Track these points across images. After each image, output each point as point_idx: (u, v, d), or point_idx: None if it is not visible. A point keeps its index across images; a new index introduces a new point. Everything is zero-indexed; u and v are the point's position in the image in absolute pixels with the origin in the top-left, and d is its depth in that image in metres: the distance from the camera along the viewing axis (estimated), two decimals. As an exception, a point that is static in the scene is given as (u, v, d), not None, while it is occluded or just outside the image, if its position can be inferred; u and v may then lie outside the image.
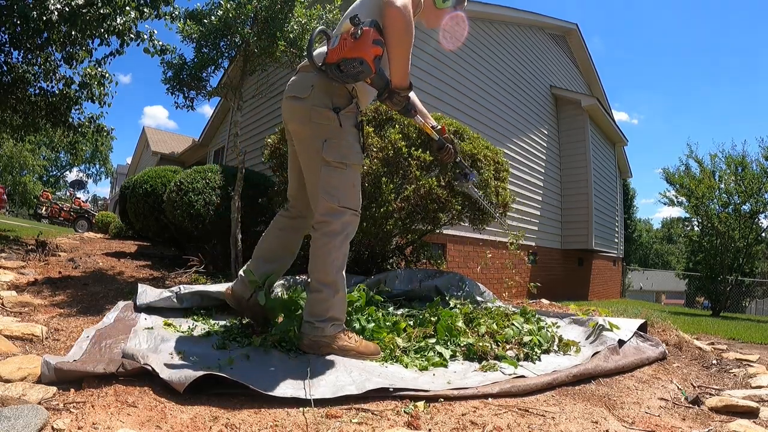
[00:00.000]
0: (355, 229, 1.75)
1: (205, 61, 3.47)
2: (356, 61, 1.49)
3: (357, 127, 1.72)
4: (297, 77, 1.75)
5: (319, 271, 1.69)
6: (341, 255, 1.71)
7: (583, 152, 9.03)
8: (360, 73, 1.51)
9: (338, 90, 1.68)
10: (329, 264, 1.68)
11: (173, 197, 4.04)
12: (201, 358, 1.55)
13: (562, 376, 1.68)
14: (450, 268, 5.34)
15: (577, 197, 9.03)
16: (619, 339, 2.12)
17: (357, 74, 1.52)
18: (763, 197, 8.77)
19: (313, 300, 1.69)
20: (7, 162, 28.36)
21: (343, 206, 1.68)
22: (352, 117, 1.70)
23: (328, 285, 1.68)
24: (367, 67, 1.49)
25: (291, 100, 1.72)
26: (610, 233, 10.47)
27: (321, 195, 1.68)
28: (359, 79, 1.56)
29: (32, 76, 4.93)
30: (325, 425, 1.17)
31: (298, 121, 1.70)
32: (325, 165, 1.66)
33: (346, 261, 1.74)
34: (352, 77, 1.54)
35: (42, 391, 1.21)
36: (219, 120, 11.30)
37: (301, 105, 1.68)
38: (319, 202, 1.69)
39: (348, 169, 1.68)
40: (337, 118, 1.65)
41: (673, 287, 24.66)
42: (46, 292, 2.65)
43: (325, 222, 1.69)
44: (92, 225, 12.80)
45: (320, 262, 1.69)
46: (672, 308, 10.41)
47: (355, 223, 1.74)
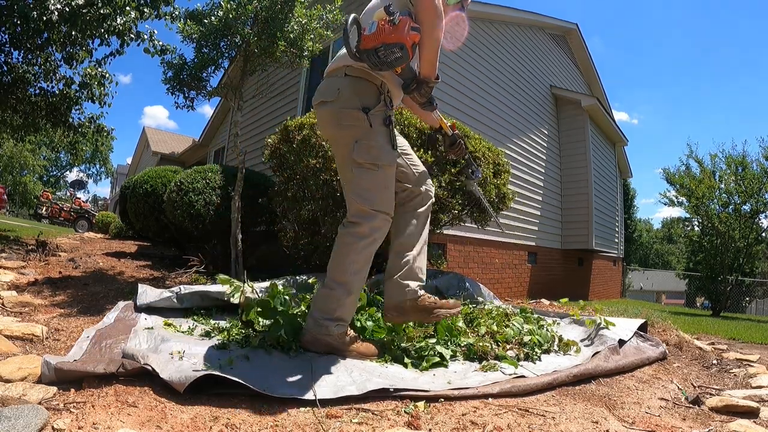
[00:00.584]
0: (384, 234, 1.73)
1: (206, 61, 3.47)
2: (396, 47, 1.46)
3: (387, 125, 1.69)
4: (324, 83, 1.74)
5: (336, 269, 1.68)
6: (362, 258, 1.69)
7: (583, 152, 9.02)
8: (398, 59, 1.49)
9: (366, 89, 1.66)
10: (347, 264, 1.67)
11: (173, 197, 4.04)
12: (201, 358, 1.55)
13: (563, 376, 1.68)
14: (450, 268, 5.33)
15: (577, 197, 9.02)
16: (619, 339, 2.12)
17: (394, 60, 1.50)
18: (763, 197, 8.77)
19: (323, 295, 1.69)
20: (8, 162, 28.38)
21: (375, 209, 1.67)
22: (381, 115, 1.68)
23: (341, 284, 1.67)
24: (405, 53, 1.48)
25: (320, 106, 1.72)
26: (610, 233, 10.47)
27: (352, 197, 1.68)
28: (395, 65, 1.53)
29: (32, 76, 4.93)
30: (325, 425, 1.17)
31: (329, 125, 1.71)
32: (357, 166, 1.65)
33: (369, 265, 1.73)
34: (388, 64, 1.51)
35: (42, 391, 1.21)
36: (219, 120, 11.30)
37: (329, 109, 1.68)
38: (350, 203, 1.70)
39: (379, 170, 1.66)
40: (366, 119, 1.63)
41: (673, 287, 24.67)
42: (47, 292, 2.65)
43: (355, 223, 1.68)
44: (92, 225, 12.81)
45: (339, 261, 1.68)
46: (672, 308, 10.40)
47: (385, 227, 1.72)
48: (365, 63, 1.54)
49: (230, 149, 9.29)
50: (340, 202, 3.06)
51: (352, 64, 1.65)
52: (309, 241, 3.37)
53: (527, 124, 8.01)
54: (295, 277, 2.93)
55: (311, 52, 3.62)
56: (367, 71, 1.63)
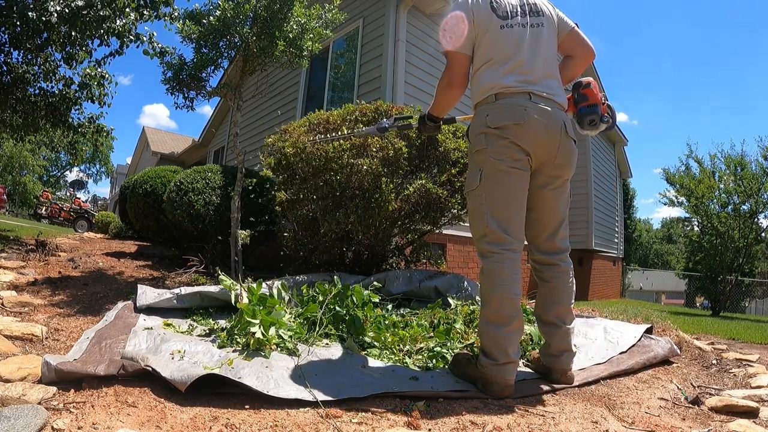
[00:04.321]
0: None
1: (205, 62, 3.46)
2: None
3: None
4: (566, 115, 1.71)
5: (570, 308, 1.72)
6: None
7: (583, 152, 9.02)
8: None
9: None
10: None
11: (173, 197, 4.04)
12: (201, 358, 1.56)
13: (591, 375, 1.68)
14: (450, 269, 5.33)
15: (577, 197, 9.03)
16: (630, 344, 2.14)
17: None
18: (762, 197, 8.77)
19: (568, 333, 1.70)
20: (7, 162, 28.35)
21: None
22: None
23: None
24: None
25: (575, 144, 1.71)
26: (610, 233, 10.47)
27: (567, 228, 1.77)
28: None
29: (32, 76, 4.92)
30: (325, 425, 1.17)
31: (574, 166, 1.74)
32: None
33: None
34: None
35: (42, 391, 1.21)
36: (219, 120, 11.29)
37: (577, 152, 1.74)
38: (567, 237, 1.78)
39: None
40: None
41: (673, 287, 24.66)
42: (46, 292, 2.65)
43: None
44: (92, 225, 12.80)
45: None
46: (672, 308, 10.41)
47: None
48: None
49: (230, 149, 9.28)
50: (340, 202, 3.06)
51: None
52: (309, 241, 3.37)
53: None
54: (295, 276, 2.93)
55: (310, 51, 3.62)
56: None
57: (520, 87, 1.62)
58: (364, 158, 2.86)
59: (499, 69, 1.65)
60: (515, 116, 1.59)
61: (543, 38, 1.69)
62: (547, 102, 1.63)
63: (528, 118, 1.58)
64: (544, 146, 1.62)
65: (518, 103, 1.60)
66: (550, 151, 1.63)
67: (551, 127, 1.61)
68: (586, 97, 1.76)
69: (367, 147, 2.91)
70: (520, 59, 1.64)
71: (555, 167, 1.66)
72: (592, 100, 1.74)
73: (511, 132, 1.59)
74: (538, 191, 1.69)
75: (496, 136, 1.61)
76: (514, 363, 1.53)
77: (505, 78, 1.63)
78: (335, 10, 3.69)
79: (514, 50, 1.65)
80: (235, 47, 3.50)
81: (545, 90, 1.64)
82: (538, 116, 1.59)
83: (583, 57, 1.81)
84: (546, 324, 1.70)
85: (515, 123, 1.58)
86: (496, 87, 1.64)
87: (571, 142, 1.67)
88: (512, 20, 1.68)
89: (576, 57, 1.81)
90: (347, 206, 3.00)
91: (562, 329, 1.66)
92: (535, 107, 1.60)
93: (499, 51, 1.66)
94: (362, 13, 5.74)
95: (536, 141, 1.60)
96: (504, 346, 1.51)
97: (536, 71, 1.65)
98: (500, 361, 1.51)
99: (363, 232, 3.08)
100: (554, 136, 1.62)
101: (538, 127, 1.59)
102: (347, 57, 6.08)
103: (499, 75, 1.64)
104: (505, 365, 1.51)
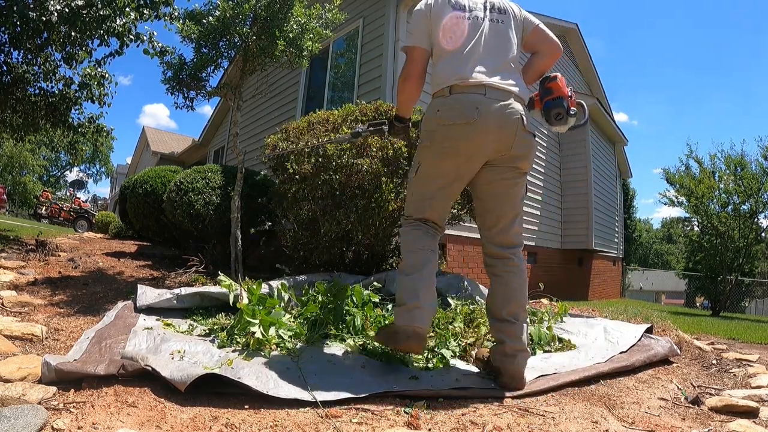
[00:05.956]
0: None
1: (205, 61, 3.46)
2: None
3: None
4: (526, 110, 1.67)
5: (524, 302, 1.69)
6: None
7: (583, 152, 9.02)
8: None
9: None
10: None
11: (173, 197, 4.04)
12: (201, 358, 1.56)
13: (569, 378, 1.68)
14: (450, 268, 5.33)
15: (577, 197, 9.02)
16: (630, 344, 2.14)
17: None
18: (762, 197, 8.77)
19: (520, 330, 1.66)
20: (7, 162, 28.34)
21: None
22: None
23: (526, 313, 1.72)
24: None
25: (533, 137, 1.69)
26: (610, 233, 10.47)
27: (521, 229, 1.75)
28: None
29: (32, 76, 4.92)
30: (325, 425, 1.17)
31: (532, 159, 1.72)
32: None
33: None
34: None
35: (42, 391, 1.21)
36: (219, 120, 11.29)
37: (535, 145, 1.72)
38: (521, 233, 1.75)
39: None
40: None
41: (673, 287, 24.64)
42: (46, 292, 2.65)
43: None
44: (92, 225, 12.80)
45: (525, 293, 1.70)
46: (672, 308, 10.41)
47: None
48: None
49: (230, 149, 9.28)
50: (340, 202, 3.06)
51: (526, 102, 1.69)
52: (309, 241, 3.37)
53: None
54: (295, 276, 2.93)
55: (310, 51, 3.62)
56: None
57: (475, 79, 1.59)
58: (364, 158, 2.86)
59: (454, 60, 1.63)
60: (465, 114, 1.57)
61: (503, 33, 1.69)
62: (504, 94, 1.60)
63: (479, 116, 1.56)
64: (498, 141, 1.60)
65: (470, 99, 1.58)
66: (504, 145, 1.61)
67: (506, 120, 1.58)
68: (551, 91, 1.74)
69: (367, 147, 2.91)
70: (476, 50, 1.63)
71: (511, 160, 1.64)
72: (557, 93, 1.72)
73: (460, 131, 1.58)
74: (494, 184, 1.68)
75: (442, 136, 1.62)
76: (422, 309, 1.54)
77: (461, 69, 1.61)
78: (335, 10, 3.69)
79: (470, 41, 1.63)
80: (235, 47, 3.50)
81: (502, 81, 1.61)
82: (491, 112, 1.57)
83: (549, 53, 1.80)
84: (499, 321, 1.65)
85: (465, 122, 1.57)
86: (451, 79, 1.62)
87: (528, 136, 1.64)
88: (470, 13, 1.67)
89: (542, 53, 1.80)
90: (347, 206, 3.00)
91: (516, 326, 1.62)
92: (488, 102, 1.57)
93: (455, 42, 1.64)
94: (362, 13, 5.74)
95: (488, 137, 1.58)
96: (413, 289, 1.57)
97: (493, 62, 1.63)
98: (409, 304, 1.54)
99: (363, 231, 3.08)
100: (509, 130, 1.59)
101: (491, 123, 1.57)
102: (347, 57, 6.08)
103: (455, 66, 1.62)
104: (413, 310, 1.53)
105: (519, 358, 1.58)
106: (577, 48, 10.33)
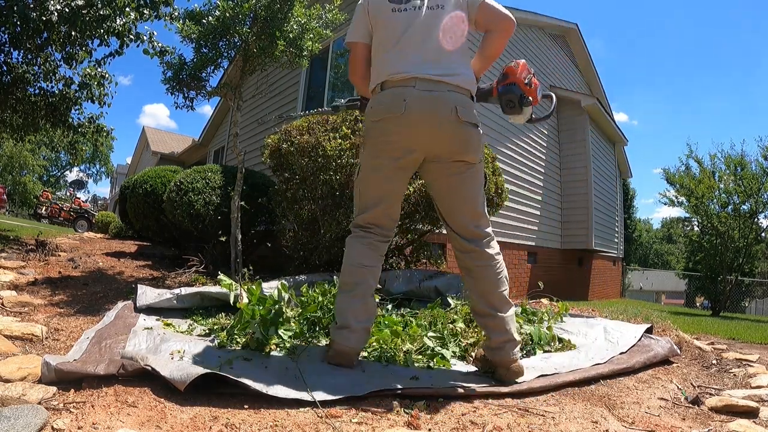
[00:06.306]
0: None
1: (205, 61, 3.46)
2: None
3: None
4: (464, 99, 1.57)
5: (504, 292, 1.62)
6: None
7: (583, 152, 9.02)
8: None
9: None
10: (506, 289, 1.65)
11: (173, 197, 4.04)
12: (201, 357, 1.56)
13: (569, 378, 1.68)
14: (450, 268, 5.33)
15: (577, 197, 9.03)
16: (630, 344, 2.14)
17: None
18: (762, 197, 8.77)
19: (509, 321, 1.60)
20: (7, 162, 28.34)
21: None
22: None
23: (511, 305, 1.65)
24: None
25: (472, 127, 1.58)
26: (610, 233, 10.47)
27: (484, 216, 1.68)
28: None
29: (32, 76, 4.93)
30: (325, 425, 1.17)
31: (475, 150, 1.61)
32: (483, 195, 1.69)
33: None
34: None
35: (42, 391, 1.21)
36: (219, 120, 11.29)
37: (479, 134, 1.61)
38: (484, 225, 1.68)
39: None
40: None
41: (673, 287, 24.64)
42: (46, 292, 2.65)
43: (494, 239, 1.69)
44: (92, 225, 12.80)
45: (502, 282, 1.63)
46: (672, 308, 10.41)
47: None
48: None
49: (230, 149, 9.28)
50: (340, 202, 3.06)
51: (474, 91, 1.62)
52: (309, 241, 3.37)
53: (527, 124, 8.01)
54: (295, 276, 2.93)
55: (310, 51, 3.62)
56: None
57: (407, 73, 1.54)
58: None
59: (387, 55, 1.60)
60: (393, 109, 1.53)
61: (442, 19, 1.58)
62: (436, 85, 1.52)
63: (406, 108, 1.50)
64: (431, 135, 1.53)
65: (398, 93, 1.54)
66: (439, 139, 1.54)
67: (436, 113, 1.51)
68: (506, 76, 1.65)
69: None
70: (410, 42, 1.57)
71: (451, 154, 1.57)
72: (510, 79, 1.63)
73: (389, 126, 1.55)
74: (441, 180, 1.63)
75: (376, 131, 1.59)
76: (351, 330, 1.57)
77: (393, 64, 1.57)
78: (335, 10, 3.69)
79: (402, 33, 1.58)
80: (234, 47, 3.50)
81: (436, 72, 1.53)
82: (420, 104, 1.51)
83: (502, 29, 1.64)
84: (481, 315, 1.63)
85: (393, 116, 1.53)
86: (383, 75, 1.59)
87: (465, 127, 1.55)
88: (405, 4, 1.61)
89: (494, 30, 1.65)
90: (347, 206, 3.00)
91: (497, 318, 1.58)
92: (417, 94, 1.51)
93: (389, 35, 1.60)
94: (362, 13, 5.74)
95: (419, 132, 1.53)
96: (343, 309, 1.60)
97: (428, 53, 1.55)
98: (340, 324, 1.59)
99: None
100: (441, 123, 1.52)
101: (419, 115, 1.51)
102: (347, 57, 6.08)
103: (388, 62, 1.59)
104: (342, 330, 1.58)
105: (507, 348, 1.55)
106: (577, 48, 10.33)
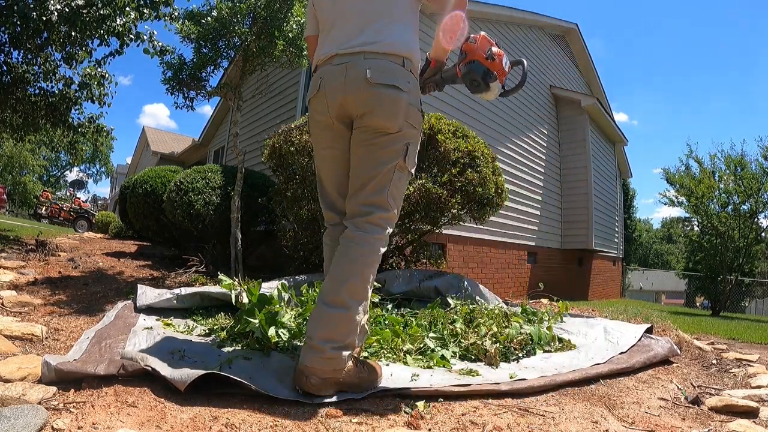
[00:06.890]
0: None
1: (205, 61, 3.47)
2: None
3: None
4: (384, 63, 1.45)
5: (357, 281, 1.42)
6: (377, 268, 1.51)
7: (583, 152, 9.02)
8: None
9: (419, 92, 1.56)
10: (370, 274, 1.47)
11: (173, 197, 4.04)
12: (201, 357, 1.55)
13: (569, 377, 1.68)
14: (450, 268, 5.33)
15: (577, 197, 9.03)
16: (630, 344, 2.14)
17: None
18: (762, 197, 8.78)
19: (335, 319, 1.38)
20: (7, 162, 28.35)
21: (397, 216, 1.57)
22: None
23: (360, 301, 1.42)
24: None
25: (384, 88, 1.43)
26: (610, 233, 10.47)
27: (388, 199, 1.48)
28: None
29: (32, 76, 4.93)
30: (325, 425, 1.17)
31: (388, 114, 1.44)
32: (399, 170, 1.49)
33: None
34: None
35: (42, 391, 1.20)
36: (219, 120, 11.29)
37: (397, 97, 1.44)
38: (382, 204, 1.48)
39: (409, 176, 1.57)
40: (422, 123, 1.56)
41: (673, 287, 24.64)
42: (46, 291, 2.65)
43: (382, 227, 1.49)
44: (92, 225, 12.81)
45: (361, 271, 1.43)
46: (672, 308, 10.41)
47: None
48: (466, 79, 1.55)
49: (230, 149, 9.28)
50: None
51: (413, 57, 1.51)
52: (309, 241, 3.37)
53: (527, 124, 8.01)
54: (295, 276, 2.93)
55: (311, 51, 3.62)
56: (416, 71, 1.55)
57: (327, 53, 1.52)
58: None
59: (321, 41, 1.60)
60: (312, 90, 1.55)
61: None
62: (351, 57, 1.46)
63: (322, 84, 1.50)
64: (346, 104, 1.48)
65: (319, 73, 1.53)
66: (347, 102, 1.48)
67: (343, 79, 1.46)
68: (465, 55, 1.55)
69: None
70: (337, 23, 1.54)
71: (360, 119, 1.48)
72: (470, 57, 1.54)
73: (313, 105, 1.56)
74: (353, 148, 1.53)
75: (310, 116, 1.61)
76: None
77: (322, 48, 1.57)
78: (335, 9, 3.69)
79: (334, 14, 1.56)
80: (234, 47, 3.50)
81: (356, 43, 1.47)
82: (330, 77, 1.48)
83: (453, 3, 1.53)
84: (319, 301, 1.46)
85: (314, 95, 1.54)
86: (315, 60, 1.60)
87: (376, 88, 1.43)
88: None
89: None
90: (347, 206, 3.00)
91: (315, 310, 1.43)
92: (331, 69, 1.49)
93: (325, 20, 1.60)
94: (362, 12, 5.74)
95: (335, 104, 1.49)
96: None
97: (352, 28, 1.50)
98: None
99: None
100: (347, 86, 1.45)
101: (333, 89, 1.48)
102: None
103: (320, 47, 1.58)
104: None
105: (301, 349, 1.41)
106: (577, 48, 10.34)
